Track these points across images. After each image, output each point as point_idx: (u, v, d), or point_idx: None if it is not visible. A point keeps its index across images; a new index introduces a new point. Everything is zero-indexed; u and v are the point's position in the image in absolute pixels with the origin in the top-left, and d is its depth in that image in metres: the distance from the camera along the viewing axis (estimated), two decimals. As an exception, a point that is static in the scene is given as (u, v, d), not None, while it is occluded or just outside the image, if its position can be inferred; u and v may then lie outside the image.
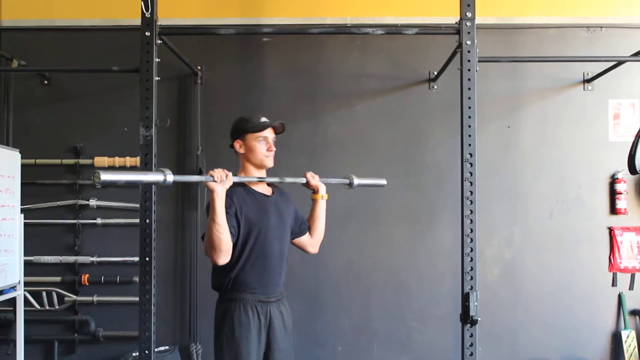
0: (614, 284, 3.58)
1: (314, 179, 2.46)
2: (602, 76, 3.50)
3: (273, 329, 2.30)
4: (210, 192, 2.11)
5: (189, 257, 3.62)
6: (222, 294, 2.31)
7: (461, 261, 2.61)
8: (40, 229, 3.55)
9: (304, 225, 2.52)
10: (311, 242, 2.54)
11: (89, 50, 3.63)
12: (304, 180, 2.46)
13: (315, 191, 2.49)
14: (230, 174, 2.15)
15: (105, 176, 1.83)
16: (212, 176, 2.11)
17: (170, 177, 2.01)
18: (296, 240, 2.52)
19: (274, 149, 2.36)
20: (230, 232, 2.15)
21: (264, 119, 2.35)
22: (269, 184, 2.44)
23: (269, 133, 2.34)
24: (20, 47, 3.63)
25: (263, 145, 2.32)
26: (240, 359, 2.21)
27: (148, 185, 2.69)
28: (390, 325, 3.62)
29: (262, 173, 2.38)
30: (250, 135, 2.32)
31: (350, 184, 2.59)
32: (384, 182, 2.79)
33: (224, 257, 2.14)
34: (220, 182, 2.11)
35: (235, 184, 2.20)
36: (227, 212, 2.15)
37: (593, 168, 3.62)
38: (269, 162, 2.35)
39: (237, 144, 2.34)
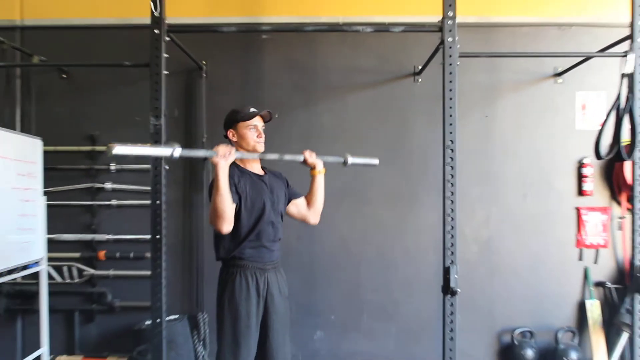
0: (580, 258, 3.72)
1: (311, 157, 2.55)
2: (571, 70, 3.62)
3: (271, 293, 2.41)
4: (215, 166, 2.20)
5: (196, 234, 3.70)
6: (225, 262, 2.44)
7: (443, 238, 2.69)
8: (61, 210, 3.65)
9: (296, 190, 2.63)
10: (310, 213, 2.63)
11: (104, 47, 3.70)
12: (302, 158, 2.54)
13: (312, 168, 2.58)
14: (233, 149, 2.25)
15: (118, 149, 1.90)
16: (216, 152, 2.20)
17: (178, 151, 2.08)
18: (296, 212, 2.62)
19: (263, 135, 2.49)
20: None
21: (252, 109, 2.46)
22: (262, 167, 2.57)
23: (257, 121, 2.48)
24: (41, 44, 3.69)
25: (253, 133, 2.45)
26: (239, 318, 2.32)
27: (158, 169, 2.76)
28: (379, 296, 3.71)
29: (256, 160, 2.52)
30: (242, 124, 2.45)
31: (345, 162, 2.68)
32: (376, 161, 2.83)
33: (227, 225, 2.24)
34: (224, 157, 2.20)
35: (231, 166, 2.29)
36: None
37: (562, 154, 3.72)
38: (260, 147, 2.48)
39: (230, 133, 2.48)
